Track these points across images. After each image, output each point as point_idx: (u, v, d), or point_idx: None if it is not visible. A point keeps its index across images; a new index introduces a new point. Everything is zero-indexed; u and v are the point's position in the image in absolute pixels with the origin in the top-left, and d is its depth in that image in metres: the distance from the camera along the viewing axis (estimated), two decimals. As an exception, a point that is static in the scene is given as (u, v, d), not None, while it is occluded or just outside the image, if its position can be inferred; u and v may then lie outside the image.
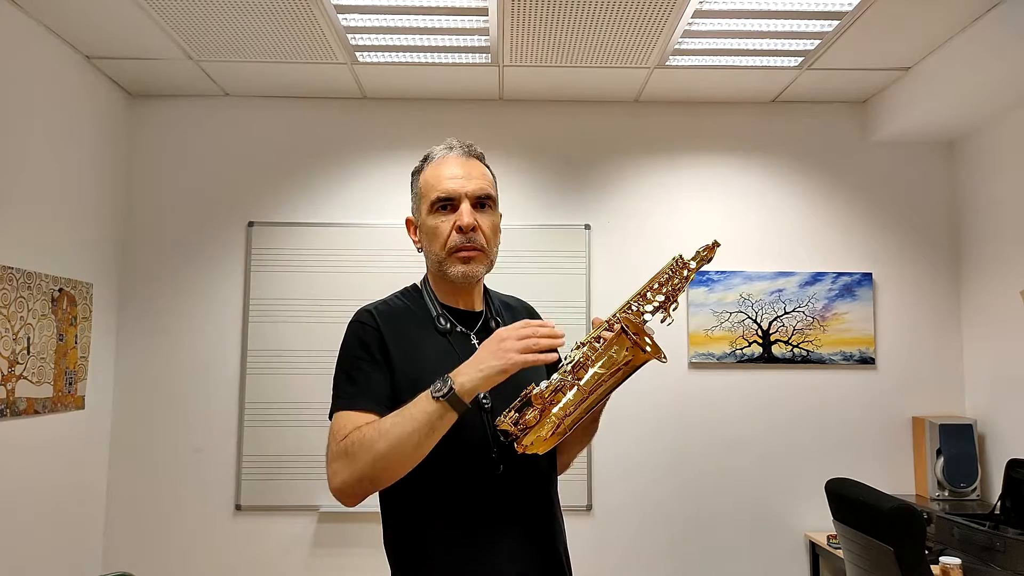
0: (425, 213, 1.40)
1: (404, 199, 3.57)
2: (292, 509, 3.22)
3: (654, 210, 3.43)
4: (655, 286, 1.36)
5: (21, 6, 2.60)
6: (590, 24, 2.70)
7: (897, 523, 2.08)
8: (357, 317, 1.39)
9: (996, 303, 3.16)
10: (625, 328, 1.23)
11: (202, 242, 3.36)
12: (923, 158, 3.46)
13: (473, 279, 1.39)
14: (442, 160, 1.42)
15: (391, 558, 1.36)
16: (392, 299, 1.45)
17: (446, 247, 1.37)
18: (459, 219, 1.36)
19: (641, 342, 1.23)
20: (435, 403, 1.18)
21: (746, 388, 3.35)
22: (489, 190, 1.41)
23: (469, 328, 1.42)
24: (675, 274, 1.35)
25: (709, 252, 1.35)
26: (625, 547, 3.26)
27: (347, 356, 1.35)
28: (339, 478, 1.24)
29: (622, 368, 1.24)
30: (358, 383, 1.31)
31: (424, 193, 1.42)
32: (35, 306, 2.71)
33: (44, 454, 2.78)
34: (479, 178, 1.40)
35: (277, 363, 3.26)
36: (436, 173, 1.40)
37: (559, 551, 1.39)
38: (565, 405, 1.23)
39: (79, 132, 3.01)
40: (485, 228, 1.38)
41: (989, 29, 2.62)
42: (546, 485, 1.41)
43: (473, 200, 1.38)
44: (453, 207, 1.37)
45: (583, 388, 1.24)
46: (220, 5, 2.58)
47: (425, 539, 1.30)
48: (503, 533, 1.30)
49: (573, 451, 1.51)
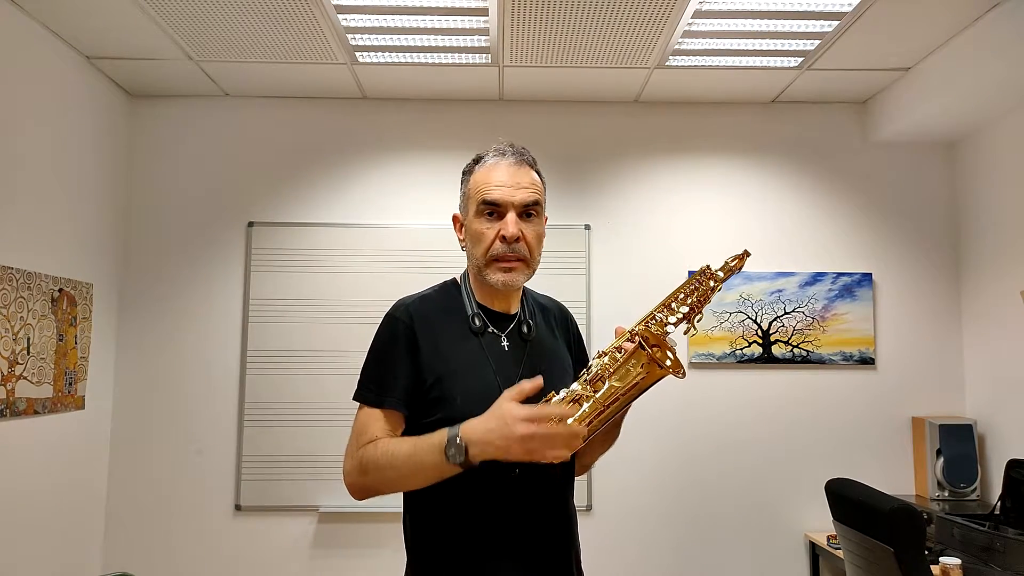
0: (472, 215, 1.41)
1: (404, 199, 3.58)
2: (292, 509, 3.22)
3: (654, 210, 3.43)
4: (680, 296, 1.34)
5: (21, 6, 2.60)
6: (590, 24, 2.70)
7: (897, 523, 2.08)
8: (392, 311, 1.42)
9: (996, 303, 3.16)
10: (643, 343, 1.22)
11: (202, 242, 3.36)
12: (923, 159, 3.46)
13: (512, 287, 1.41)
14: (494, 165, 1.41)
15: (409, 554, 1.39)
16: (430, 293, 1.48)
17: (488, 254, 1.38)
18: (504, 228, 1.36)
19: (661, 356, 1.22)
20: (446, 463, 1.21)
21: (746, 388, 3.35)
22: (537, 197, 1.41)
23: (502, 329, 1.43)
24: (701, 284, 1.33)
25: (739, 262, 1.33)
26: (625, 547, 3.26)
27: (377, 348, 1.40)
28: (351, 479, 1.33)
29: (638, 383, 1.24)
30: (384, 378, 1.36)
31: (472, 195, 1.42)
32: (35, 306, 2.71)
33: (44, 454, 2.78)
34: (528, 187, 1.40)
35: (277, 363, 3.26)
36: (486, 177, 1.40)
37: (572, 553, 1.41)
38: (582, 416, 1.23)
39: (79, 132, 3.01)
40: (529, 238, 1.39)
41: (989, 29, 2.62)
42: (562, 488, 1.42)
43: (519, 210, 1.38)
44: (499, 214, 1.38)
45: (599, 400, 1.24)
46: (220, 5, 2.57)
47: (441, 538, 1.33)
48: (518, 535, 1.32)
49: (595, 454, 1.53)
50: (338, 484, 1.38)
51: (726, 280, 1.33)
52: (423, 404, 1.34)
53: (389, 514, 3.12)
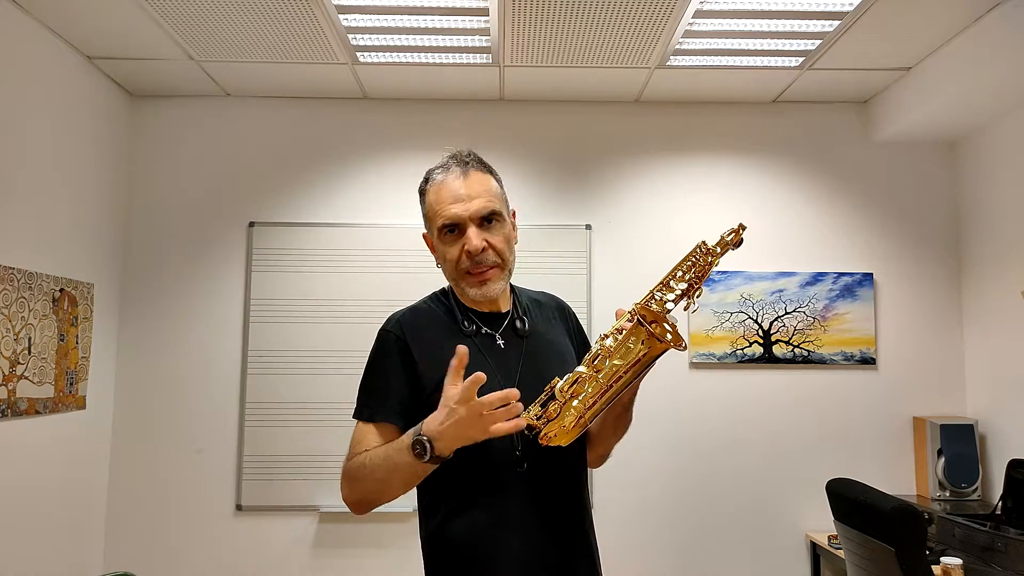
0: (436, 238, 1.42)
1: (404, 199, 3.58)
2: (293, 509, 3.22)
3: (655, 210, 3.43)
4: (678, 274, 1.32)
5: (22, 6, 2.60)
6: (591, 24, 2.70)
7: (898, 523, 2.08)
8: (384, 326, 1.43)
9: (997, 303, 3.16)
10: (641, 319, 1.23)
11: (203, 242, 3.36)
12: (924, 158, 3.46)
13: (491, 296, 1.41)
14: (441, 183, 1.40)
15: (424, 551, 1.40)
16: (421, 304, 1.48)
17: (458, 270, 1.39)
18: (467, 243, 1.36)
19: (660, 332, 1.23)
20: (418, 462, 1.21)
21: (747, 388, 3.35)
22: (492, 206, 1.39)
23: (495, 329, 1.43)
24: (699, 260, 1.30)
25: (735, 236, 1.28)
26: (626, 547, 3.26)
27: (371, 364, 1.42)
28: (344, 494, 1.36)
29: (640, 359, 1.24)
30: (377, 393, 1.38)
31: (430, 218, 1.42)
32: (36, 306, 2.71)
33: (45, 454, 2.79)
34: (481, 195, 1.38)
35: (278, 363, 3.27)
36: (438, 197, 1.39)
37: (586, 546, 1.40)
38: (585, 397, 1.25)
39: (80, 132, 3.01)
40: (496, 244, 1.38)
41: (990, 29, 2.62)
42: (573, 481, 1.42)
43: (478, 220, 1.37)
44: (461, 230, 1.37)
45: (602, 380, 1.25)
46: (221, 5, 2.58)
47: (452, 534, 1.33)
48: (528, 529, 1.32)
49: (609, 443, 1.51)
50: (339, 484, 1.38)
51: (723, 255, 1.30)
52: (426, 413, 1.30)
53: (390, 514, 3.12)
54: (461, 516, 1.33)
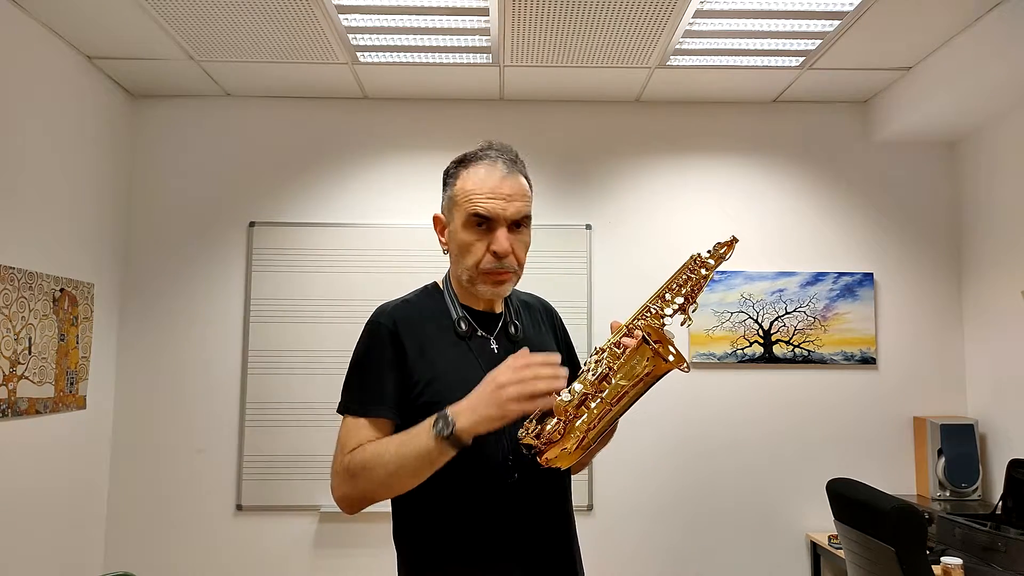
0: (458, 224, 1.34)
1: (404, 199, 3.57)
2: (293, 509, 3.22)
3: (655, 210, 3.43)
4: (673, 287, 1.30)
5: (22, 6, 2.60)
6: (591, 24, 2.70)
7: (898, 523, 2.08)
8: (374, 317, 1.38)
9: (997, 303, 3.16)
10: (647, 337, 1.20)
11: (203, 242, 3.36)
12: (924, 158, 3.46)
13: (499, 296, 1.39)
14: (486, 174, 1.33)
15: (400, 554, 1.36)
16: (412, 297, 1.44)
17: (478, 267, 1.33)
18: (495, 244, 1.31)
19: (664, 351, 1.20)
20: (436, 440, 1.16)
21: (747, 388, 3.35)
22: (527, 211, 1.35)
23: (489, 331, 1.40)
24: (693, 274, 1.29)
25: (728, 249, 1.28)
26: (626, 547, 3.26)
27: (360, 356, 1.35)
28: (340, 492, 1.28)
29: (644, 379, 1.21)
30: (368, 386, 1.31)
31: (459, 202, 1.34)
32: (36, 306, 2.71)
33: (45, 454, 2.79)
34: (519, 199, 1.33)
35: (278, 363, 3.27)
36: (476, 186, 1.32)
37: (572, 556, 1.39)
38: (589, 418, 1.21)
39: (81, 132, 3.01)
40: (518, 250, 1.35)
41: (990, 29, 2.62)
42: (560, 491, 1.40)
43: (510, 224, 1.33)
44: (489, 227, 1.32)
45: (606, 400, 1.21)
46: (221, 5, 2.58)
47: (438, 548, 1.30)
48: (516, 539, 1.30)
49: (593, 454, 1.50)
50: (338, 484, 1.36)
51: (717, 267, 1.30)
52: (412, 410, 1.29)
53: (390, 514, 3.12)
54: (446, 524, 1.29)
